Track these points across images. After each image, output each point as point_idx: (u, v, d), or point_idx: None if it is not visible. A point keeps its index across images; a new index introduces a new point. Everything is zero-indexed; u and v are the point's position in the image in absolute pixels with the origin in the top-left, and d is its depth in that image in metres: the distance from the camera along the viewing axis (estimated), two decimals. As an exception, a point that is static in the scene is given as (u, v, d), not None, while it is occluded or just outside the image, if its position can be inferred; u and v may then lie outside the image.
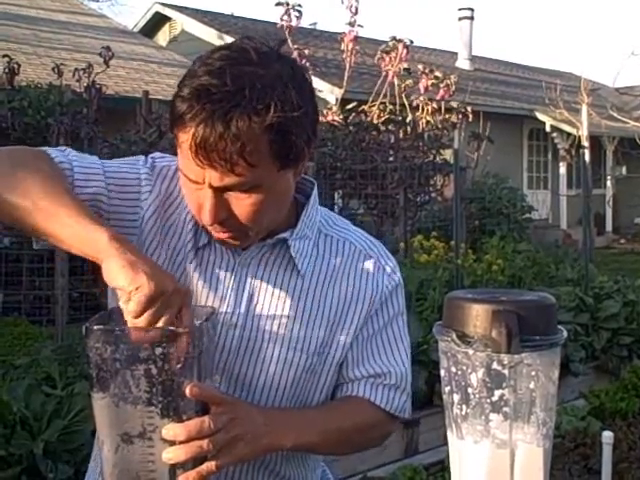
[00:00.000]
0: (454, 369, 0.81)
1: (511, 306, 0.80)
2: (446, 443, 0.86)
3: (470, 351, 0.79)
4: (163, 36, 16.24)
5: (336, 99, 10.01)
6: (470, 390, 0.80)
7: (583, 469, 3.38)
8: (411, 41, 8.37)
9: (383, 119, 7.96)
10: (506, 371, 0.79)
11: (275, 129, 0.99)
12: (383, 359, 1.21)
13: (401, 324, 1.24)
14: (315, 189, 1.20)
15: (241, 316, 1.14)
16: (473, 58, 18.79)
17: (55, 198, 1.00)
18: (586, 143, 13.38)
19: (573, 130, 14.87)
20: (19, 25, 12.18)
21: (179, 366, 0.94)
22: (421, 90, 8.33)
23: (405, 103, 8.15)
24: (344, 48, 8.70)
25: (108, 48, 7.11)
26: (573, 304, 5.69)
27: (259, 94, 0.98)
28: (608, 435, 2.69)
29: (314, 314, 1.16)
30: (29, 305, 6.06)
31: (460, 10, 18.19)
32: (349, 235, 1.23)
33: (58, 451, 2.97)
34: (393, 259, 1.26)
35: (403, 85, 8.18)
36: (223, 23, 15.61)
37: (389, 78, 8.25)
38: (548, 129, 16.32)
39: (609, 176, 16.67)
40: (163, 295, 0.92)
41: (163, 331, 0.93)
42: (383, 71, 8.35)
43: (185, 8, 16.17)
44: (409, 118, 8.02)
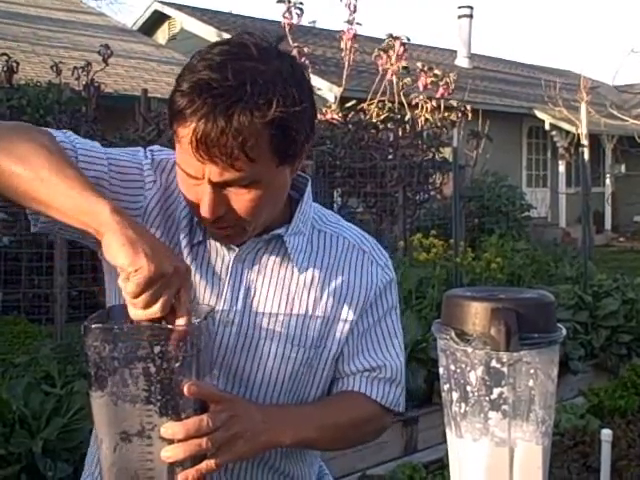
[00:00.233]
0: (453, 367, 0.81)
1: (510, 304, 0.80)
2: (445, 441, 0.86)
3: (469, 349, 0.79)
4: (162, 34, 16.23)
5: (335, 97, 10.01)
6: (469, 388, 0.80)
7: (582, 467, 3.39)
8: (408, 38, 8.38)
9: (382, 117, 7.96)
10: (505, 369, 0.79)
11: (276, 124, 0.99)
12: (378, 353, 1.22)
13: (395, 318, 1.25)
14: (309, 186, 1.20)
15: (238, 313, 1.14)
16: (472, 56, 18.79)
17: (58, 170, 0.99)
18: (585, 141, 13.41)
19: (572, 128, 14.87)
20: (18, 23, 12.17)
21: (177, 364, 0.93)
22: (420, 88, 8.34)
23: (404, 101, 8.15)
24: (343, 46, 8.70)
25: (107, 46, 7.11)
26: (572, 302, 5.69)
27: (261, 89, 0.97)
28: (607, 433, 2.69)
29: (310, 309, 1.16)
30: (28, 304, 6.04)
31: (459, 8, 18.19)
32: (342, 230, 1.23)
33: (57, 449, 2.97)
34: (385, 253, 1.26)
35: (402, 83, 8.18)
36: (222, 21, 15.60)
37: (388, 76, 8.25)
38: (547, 127, 16.32)
39: (608, 174, 16.68)
40: (163, 277, 0.92)
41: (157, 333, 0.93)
42: (381, 69, 8.35)
43: (184, 6, 16.17)
44: (408, 116, 8.02)
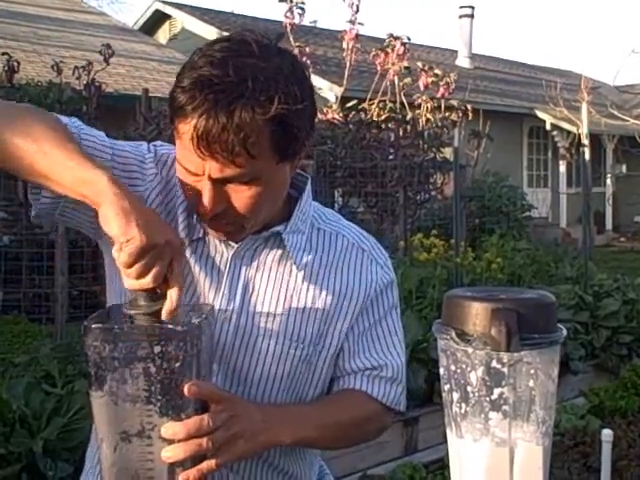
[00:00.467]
0: (453, 367, 0.81)
1: (510, 304, 0.80)
2: (446, 441, 0.86)
3: (469, 349, 0.79)
4: (163, 34, 16.23)
5: (336, 97, 10.01)
6: (469, 388, 0.80)
7: (582, 467, 3.39)
8: (409, 38, 8.37)
9: (383, 117, 7.95)
10: (505, 369, 0.79)
11: (277, 121, 0.99)
12: (379, 352, 1.22)
13: (395, 317, 1.25)
14: (309, 184, 1.20)
15: (236, 309, 1.14)
16: (473, 56, 18.78)
17: (60, 144, 1.00)
18: (586, 141, 13.40)
19: (573, 128, 14.87)
20: (19, 23, 12.18)
21: (178, 364, 0.93)
22: (421, 88, 8.33)
23: (405, 101, 8.15)
24: (344, 46, 8.69)
25: (108, 46, 7.11)
26: (573, 302, 5.68)
27: (262, 86, 0.98)
28: (607, 433, 2.69)
29: (308, 307, 1.16)
30: (29, 303, 6.04)
31: (461, 8, 18.18)
32: (341, 229, 1.23)
33: (57, 449, 2.97)
34: (385, 252, 1.26)
35: (403, 83, 8.18)
36: (223, 21, 15.59)
37: (389, 76, 8.24)
38: (548, 127, 16.31)
39: (609, 174, 16.67)
40: (154, 248, 0.92)
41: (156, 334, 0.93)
42: (380, 68, 8.34)
43: (185, 6, 16.17)
44: (409, 116, 8.02)
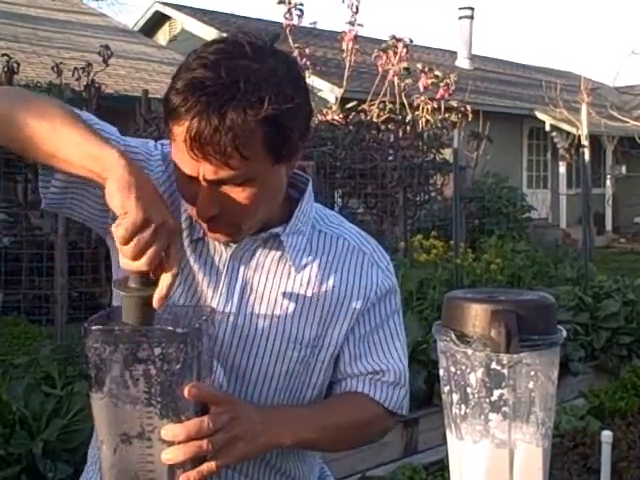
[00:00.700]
0: (453, 369, 0.81)
1: (510, 306, 0.80)
2: (446, 442, 0.86)
3: (469, 351, 0.79)
4: (163, 35, 16.24)
5: (336, 98, 10.01)
6: (469, 390, 0.80)
7: (582, 468, 3.38)
8: (411, 40, 8.38)
9: (383, 118, 7.96)
10: (505, 371, 0.79)
11: (270, 122, 0.99)
12: (381, 357, 1.22)
13: (397, 321, 1.24)
14: (310, 185, 1.20)
15: (233, 309, 1.14)
16: (473, 57, 18.79)
17: (70, 123, 1.01)
18: (586, 142, 13.41)
19: (573, 129, 14.87)
20: (19, 24, 12.18)
21: (178, 366, 0.93)
22: (421, 89, 8.34)
23: (404, 102, 8.15)
24: (344, 47, 8.70)
25: (107, 47, 7.11)
26: (572, 303, 5.68)
27: (254, 87, 0.98)
28: (607, 434, 2.69)
29: (307, 308, 1.16)
30: (29, 304, 6.04)
31: (460, 9, 18.19)
32: (343, 231, 1.23)
33: (57, 450, 2.97)
34: (387, 256, 1.26)
35: (403, 84, 8.18)
36: (223, 22, 15.60)
37: (389, 77, 8.25)
38: (548, 128, 16.31)
39: (609, 175, 16.67)
40: (149, 225, 0.92)
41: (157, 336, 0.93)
42: (381, 70, 8.35)
43: (185, 7, 16.18)
44: (409, 117, 8.02)
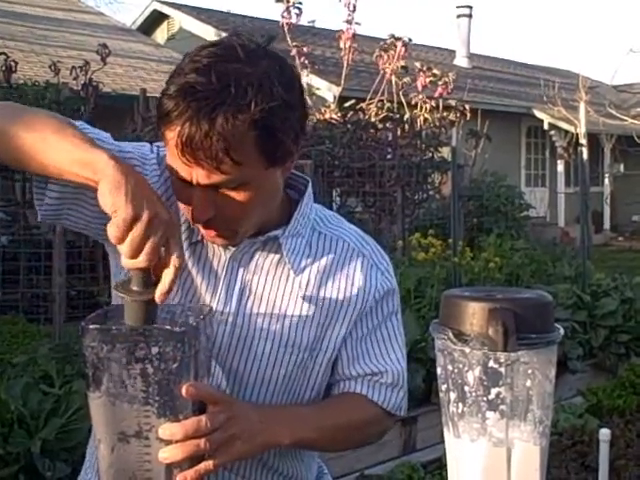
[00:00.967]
0: (451, 367, 0.81)
1: (508, 304, 0.80)
2: (444, 441, 0.86)
3: (467, 349, 0.79)
4: (161, 34, 16.22)
5: (334, 97, 10.00)
6: (467, 388, 0.80)
7: (580, 466, 3.39)
8: (410, 39, 8.38)
9: (381, 117, 7.96)
10: (503, 369, 0.79)
11: (261, 126, 0.99)
12: (379, 358, 1.21)
13: (395, 323, 1.24)
14: (309, 187, 1.20)
15: (232, 312, 1.14)
16: (471, 56, 18.79)
17: (59, 129, 1.00)
18: (584, 141, 13.40)
19: (571, 128, 14.87)
20: (16, 23, 12.16)
21: (175, 365, 0.93)
22: (419, 88, 8.34)
23: (403, 101, 8.15)
24: (342, 46, 8.70)
25: (105, 45, 7.11)
26: (571, 302, 5.68)
27: (245, 91, 0.97)
28: (605, 432, 2.69)
29: (305, 311, 1.16)
30: (27, 303, 6.04)
31: (458, 8, 18.19)
32: (343, 233, 1.22)
33: (56, 449, 2.97)
34: (386, 257, 1.25)
35: (401, 83, 8.18)
36: (221, 21, 15.59)
37: (387, 76, 8.25)
38: (546, 127, 16.31)
39: (607, 174, 16.70)
40: (139, 220, 0.91)
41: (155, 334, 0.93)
42: (381, 69, 8.35)
43: (183, 6, 16.16)
44: (407, 116, 8.02)
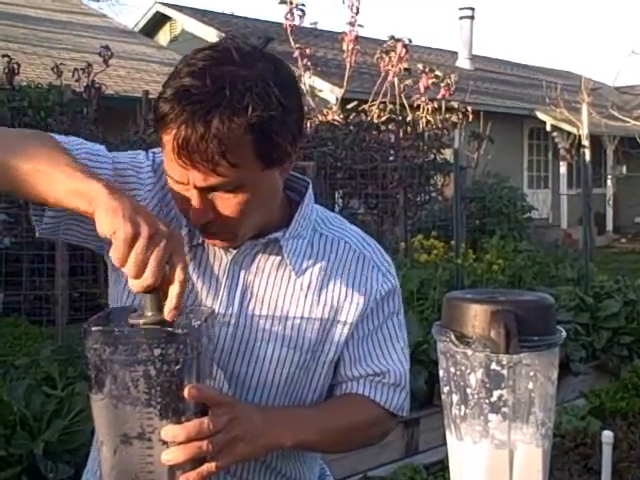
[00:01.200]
0: (453, 369, 0.81)
1: (510, 306, 0.80)
2: (446, 443, 0.86)
3: (469, 351, 0.79)
4: (164, 36, 16.25)
5: (336, 99, 10.01)
6: (469, 390, 0.80)
7: (583, 469, 3.38)
8: (410, 40, 8.38)
9: (383, 119, 7.97)
10: (505, 371, 0.79)
11: (256, 129, 0.99)
12: (380, 359, 1.21)
13: (397, 323, 1.23)
14: (310, 188, 1.20)
15: (234, 314, 1.14)
16: (473, 57, 18.79)
17: (55, 160, 1.00)
18: (586, 142, 13.41)
19: (573, 129, 14.88)
20: (19, 25, 12.19)
21: (178, 367, 0.93)
22: (421, 89, 8.34)
23: (405, 103, 8.15)
24: (345, 48, 8.71)
25: (107, 47, 7.13)
26: (573, 303, 5.68)
27: (240, 94, 0.97)
28: (608, 435, 2.68)
29: (307, 313, 1.16)
30: (29, 305, 6.04)
31: (461, 9, 18.21)
32: (344, 234, 1.22)
33: (58, 451, 2.97)
34: (388, 258, 1.25)
35: (403, 85, 8.18)
36: (223, 23, 15.61)
37: (389, 78, 8.25)
38: (548, 128, 16.32)
39: (609, 175, 16.68)
40: (140, 237, 0.90)
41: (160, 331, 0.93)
42: (383, 71, 8.35)
43: (185, 8, 16.19)
44: (409, 118, 8.03)
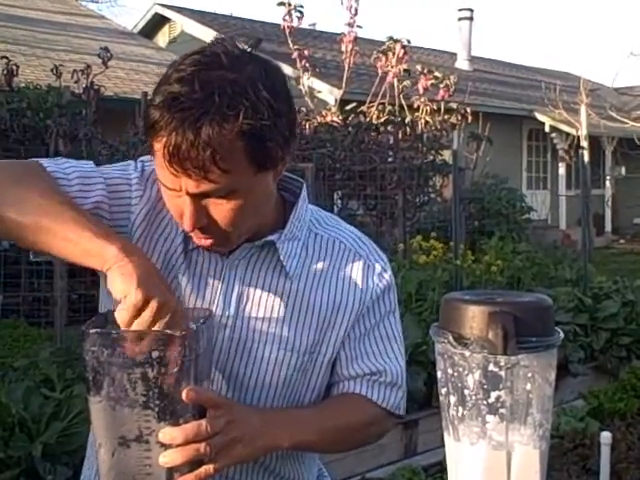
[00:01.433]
0: (451, 371, 0.81)
1: (507, 307, 0.80)
2: (444, 444, 0.86)
3: (467, 353, 0.79)
4: (163, 37, 16.24)
5: (335, 100, 10.00)
6: (467, 392, 0.80)
7: (582, 470, 3.39)
8: (409, 41, 8.38)
9: (382, 120, 7.96)
10: (502, 373, 0.79)
11: (247, 135, 0.98)
12: (377, 357, 1.21)
13: (393, 322, 1.24)
14: (304, 189, 1.20)
15: (230, 317, 1.14)
16: (472, 59, 18.80)
17: (57, 215, 1.00)
18: (585, 143, 13.40)
19: (572, 130, 14.87)
20: (18, 26, 12.18)
21: (176, 369, 0.93)
22: (420, 91, 8.34)
23: (404, 104, 8.15)
24: (343, 49, 8.70)
25: (106, 49, 7.11)
26: (572, 304, 5.68)
27: (229, 100, 0.97)
28: (606, 436, 2.69)
29: (304, 315, 1.16)
30: (28, 307, 6.04)
31: (459, 11, 18.22)
32: (339, 234, 1.22)
33: (57, 453, 2.97)
34: (384, 257, 1.25)
35: (402, 86, 8.18)
36: (222, 24, 15.61)
37: (388, 79, 8.25)
38: (547, 129, 16.32)
39: (608, 176, 16.68)
40: (149, 306, 0.93)
41: (155, 339, 0.93)
42: (380, 71, 8.35)
43: (184, 9, 16.18)
44: (408, 119, 8.02)
